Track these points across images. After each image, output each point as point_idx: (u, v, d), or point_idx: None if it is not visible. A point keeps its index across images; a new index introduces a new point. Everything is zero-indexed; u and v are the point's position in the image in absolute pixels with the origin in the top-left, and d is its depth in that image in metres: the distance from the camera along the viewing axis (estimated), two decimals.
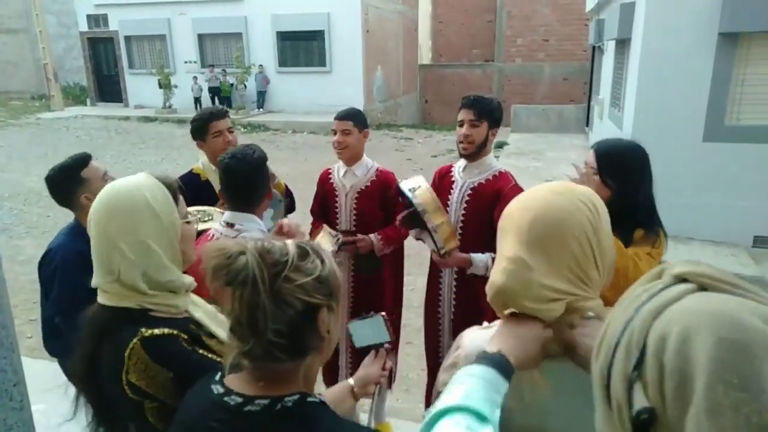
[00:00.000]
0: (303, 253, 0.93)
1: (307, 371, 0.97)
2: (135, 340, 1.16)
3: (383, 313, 1.31)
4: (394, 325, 3.08)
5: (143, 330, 1.18)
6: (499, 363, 0.91)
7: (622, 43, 8.22)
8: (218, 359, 1.22)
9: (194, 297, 1.37)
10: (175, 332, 1.21)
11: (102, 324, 1.23)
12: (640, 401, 0.53)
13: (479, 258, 2.44)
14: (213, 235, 1.92)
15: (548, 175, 8.77)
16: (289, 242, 0.95)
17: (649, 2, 6.26)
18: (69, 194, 2.15)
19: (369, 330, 1.30)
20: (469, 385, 0.86)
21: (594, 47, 12.76)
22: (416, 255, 6.06)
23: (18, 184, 9.30)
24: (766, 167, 5.99)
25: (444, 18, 22.80)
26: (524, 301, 0.99)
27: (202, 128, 2.61)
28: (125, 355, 1.16)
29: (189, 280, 1.31)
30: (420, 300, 4.94)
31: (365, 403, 3.40)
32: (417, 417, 3.37)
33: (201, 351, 1.23)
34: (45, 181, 2.16)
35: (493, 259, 2.36)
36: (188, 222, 1.33)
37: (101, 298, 1.26)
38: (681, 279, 0.60)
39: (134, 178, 1.28)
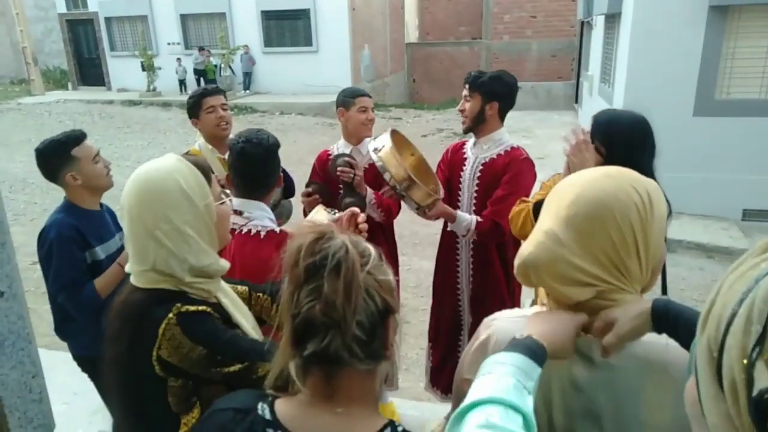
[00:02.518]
0: (379, 255, 0.89)
1: (380, 381, 0.89)
2: (171, 315, 1.16)
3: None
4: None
5: (179, 305, 1.18)
6: (530, 348, 0.87)
7: (612, 18, 8.16)
8: (254, 338, 1.24)
9: (223, 283, 1.35)
10: (209, 309, 1.22)
11: (138, 304, 1.21)
12: (763, 380, 0.48)
13: (463, 217, 2.40)
14: None
15: (539, 153, 8.77)
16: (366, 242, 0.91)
17: None
18: (55, 171, 2.13)
19: None
20: (498, 375, 0.83)
21: (582, 23, 12.69)
22: (410, 235, 6.08)
23: (2, 172, 9.13)
24: (755, 141, 6.03)
25: None
26: (548, 277, 0.95)
27: (196, 104, 2.63)
28: (159, 330, 1.16)
29: (224, 263, 1.30)
30: (416, 279, 4.99)
31: None
32: (417, 396, 3.39)
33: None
34: (35, 152, 2.13)
35: (477, 222, 2.40)
36: (222, 202, 1.29)
37: (135, 280, 1.24)
38: None
39: (165, 161, 1.24)
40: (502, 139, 2.53)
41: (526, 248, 0.99)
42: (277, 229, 1.78)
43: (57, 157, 2.10)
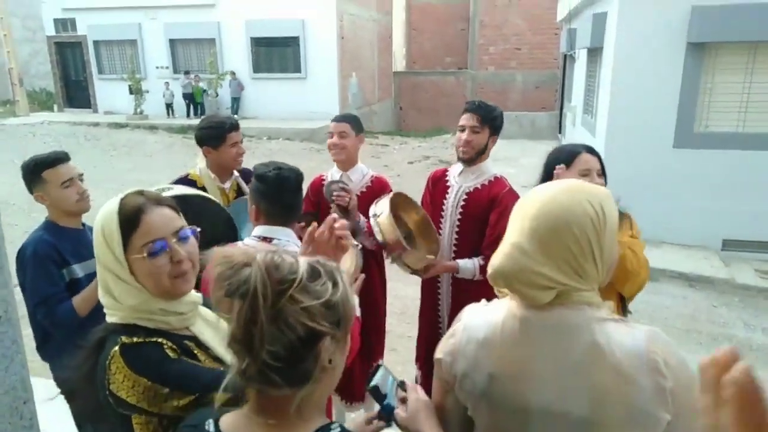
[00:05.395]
0: (314, 273, 0.86)
1: (303, 401, 0.88)
2: (116, 348, 1.13)
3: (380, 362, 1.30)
4: (380, 328, 3.03)
5: (123, 338, 1.15)
6: None
7: (594, 52, 8.40)
8: (212, 367, 1.18)
9: (209, 316, 1.32)
10: (159, 340, 1.16)
11: (98, 336, 1.20)
12: None
13: (466, 266, 2.48)
14: None
15: (524, 181, 8.88)
16: (302, 259, 0.88)
17: (621, 12, 6.43)
18: (28, 187, 2.23)
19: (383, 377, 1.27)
20: None
21: (565, 56, 13.02)
22: None
23: None
24: (734, 172, 6.19)
25: (418, 26, 22.99)
26: (517, 283, 1.07)
27: (220, 137, 2.58)
28: (107, 363, 1.13)
29: (178, 307, 1.24)
30: (402, 306, 4.97)
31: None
32: None
33: (190, 361, 1.17)
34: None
35: (481, 266, 2.45)
36: (151, 254, 1.17)
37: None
38: None
39: (109, 201, 1.21)
40: (487, 170, 2.57)
41: (496, 259, 1.11)
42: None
43: (29, 175, 2.19)
